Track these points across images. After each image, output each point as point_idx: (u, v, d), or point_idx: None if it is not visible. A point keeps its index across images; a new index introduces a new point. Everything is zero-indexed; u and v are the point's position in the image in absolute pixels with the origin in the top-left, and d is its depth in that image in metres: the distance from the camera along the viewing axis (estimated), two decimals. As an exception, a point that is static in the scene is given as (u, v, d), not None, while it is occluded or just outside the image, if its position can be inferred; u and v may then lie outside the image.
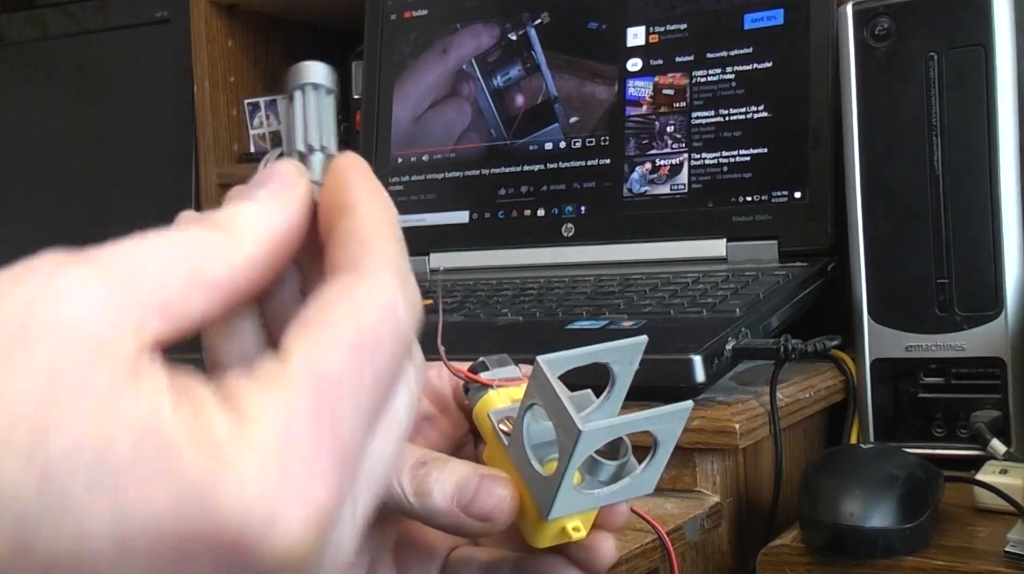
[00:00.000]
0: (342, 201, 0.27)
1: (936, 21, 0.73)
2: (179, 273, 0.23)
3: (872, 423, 0.76)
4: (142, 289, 0.22)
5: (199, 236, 0.24)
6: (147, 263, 0.23)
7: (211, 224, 0.25)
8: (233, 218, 0.25)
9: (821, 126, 0.84)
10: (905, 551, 0.57)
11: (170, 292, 0.23)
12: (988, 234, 0.72)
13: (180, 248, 0.24)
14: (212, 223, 0.25)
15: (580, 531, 0.31)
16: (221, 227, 0.25)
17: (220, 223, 0.25)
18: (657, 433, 0.31)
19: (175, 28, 1.23)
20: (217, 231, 0.25)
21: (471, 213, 0.98)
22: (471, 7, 1.02)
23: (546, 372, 0.30)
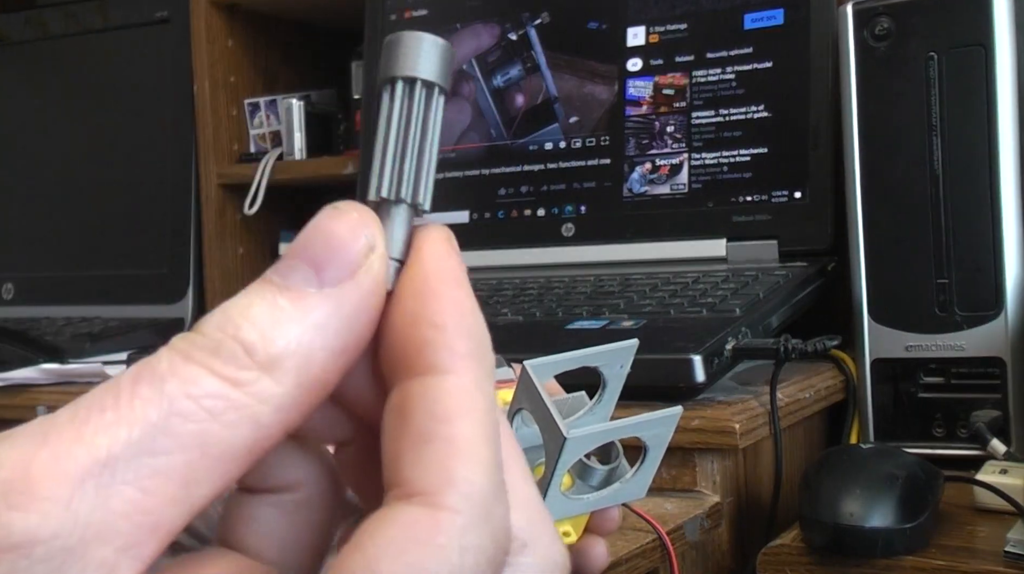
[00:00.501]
0: (428, 341, 0.19)
1: (936, 21, 0.73)
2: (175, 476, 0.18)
3: (872, 423, 0.76)
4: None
5: (214, 393, 0.18)
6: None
7: (228, 364, 0.18)
8: (265, 345, 0.18)
9: (821, 126, 0.84)
10: (905, 551, 0.57)
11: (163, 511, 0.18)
12: (988, 234, 0.72)
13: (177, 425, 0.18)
14: (231, 363, 0.18)
15: (571, 536, 0.31)
16: (242, 365, 0.18)
17: (240, 359, 0.18)
18: (646, 439, 0.30)
19: (175, 28, 1.24)
20: (237, 389, 0.18)
21: (471, 213, 0.98)
22: (471, 7, 1.02)
23: (532, 377, 0.29)
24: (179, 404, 0.18)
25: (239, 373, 0.18)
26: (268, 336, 0.19)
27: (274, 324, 0.19)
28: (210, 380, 0.18)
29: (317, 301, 0.19)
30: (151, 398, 0.18)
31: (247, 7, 1.24)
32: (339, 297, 0.19)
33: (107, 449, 0.17)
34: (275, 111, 1.21)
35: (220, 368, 0.18)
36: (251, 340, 0.18)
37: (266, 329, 0.19)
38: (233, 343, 0.18)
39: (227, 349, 0.18)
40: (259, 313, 0.19)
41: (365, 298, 0.19)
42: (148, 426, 0.18)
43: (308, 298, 0.19)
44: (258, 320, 0.19)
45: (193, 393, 0.18)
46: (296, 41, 1.31)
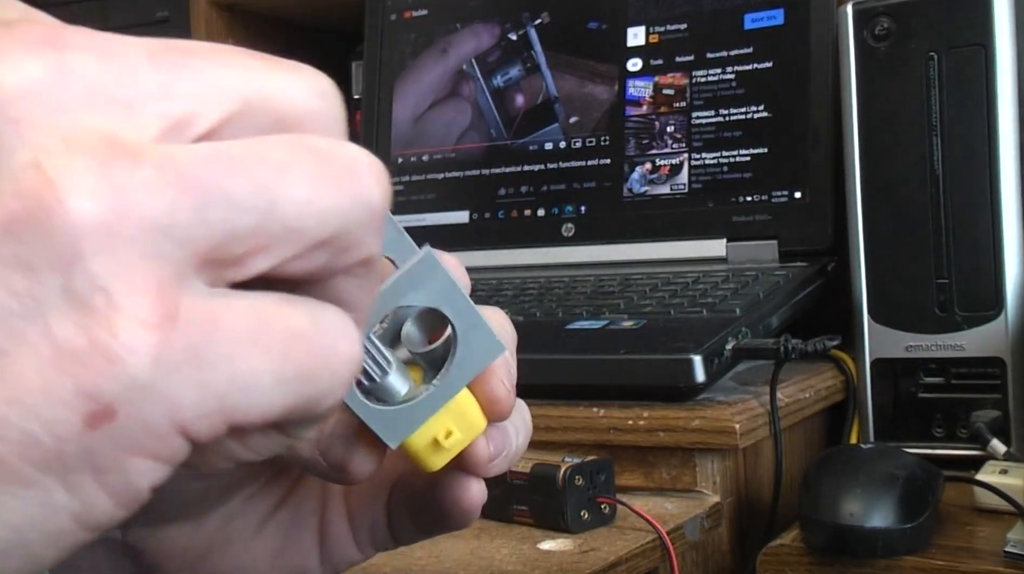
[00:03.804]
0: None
1: (936, 21, 0.73)
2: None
3: (872, 423, 0.76)
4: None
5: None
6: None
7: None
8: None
9: (821, 126, 0.84)
10: (905, 551, 0.57)
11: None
12: (988, 234, 0.72)
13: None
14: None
15: (454, 435, 0.28)
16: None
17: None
18: (429, 303, 0.26)
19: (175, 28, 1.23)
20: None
21: (471, 213, 0.99)
22: (471, 7, 1.02)
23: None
24: None
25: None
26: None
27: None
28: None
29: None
30: None
31: (247, 7, 1.24)
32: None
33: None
34: (275, 111, 1.21)
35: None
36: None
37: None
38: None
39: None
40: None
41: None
42: None
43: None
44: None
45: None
46: (296, 41, 1.30)
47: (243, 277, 0.20)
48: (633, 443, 0.64)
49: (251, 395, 0.20)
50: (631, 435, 0.64)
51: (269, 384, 0.20)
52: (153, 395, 0.18)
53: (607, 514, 0.58)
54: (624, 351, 0.67)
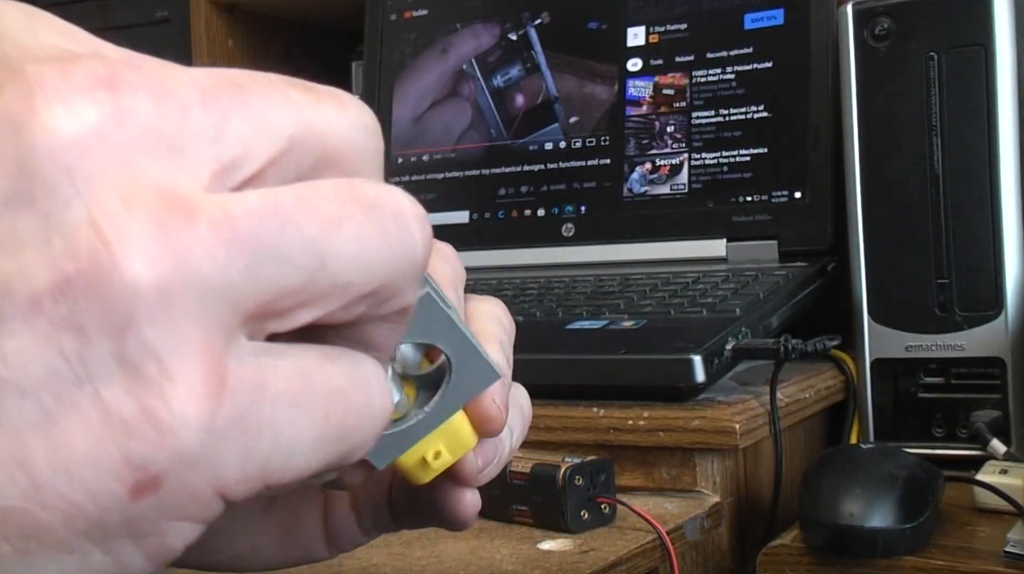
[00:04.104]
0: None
1: (936, 21, 0.73)
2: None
3: (872, 423, 0.76)
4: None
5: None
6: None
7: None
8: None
9: (821, 126, 0.84)
10: (905, 551, 0.57)
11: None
12: (988, 234, 0.72)
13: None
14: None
15: (442, 457, 0.28)
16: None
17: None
18: (425, 338, 0.26)
19: (175, 28, 1.23)
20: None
21: (471, 213, 0.99)
22: (471, 7, 1.02)
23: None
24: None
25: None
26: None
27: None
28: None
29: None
30: None
31: (247, 7, 1.24)
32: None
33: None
34: (275, 111, 1.21)
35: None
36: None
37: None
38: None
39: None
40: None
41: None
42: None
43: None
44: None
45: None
46: (296, 41, 1.31)
47: (284, 329, 0.20)
48: (633, 443, 0.64)
49: (291, 459, 0.19)
50: (631, 435, 0.64)
51: (308, 447, 0.20)
52: (199, 465, 0.18)
53: (607, 514, 0.58)
54: (624, 351, 0.67)
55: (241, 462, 0.19)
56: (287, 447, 0.19)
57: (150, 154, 0.18)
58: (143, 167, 0.18)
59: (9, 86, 0.18)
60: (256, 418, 0.19)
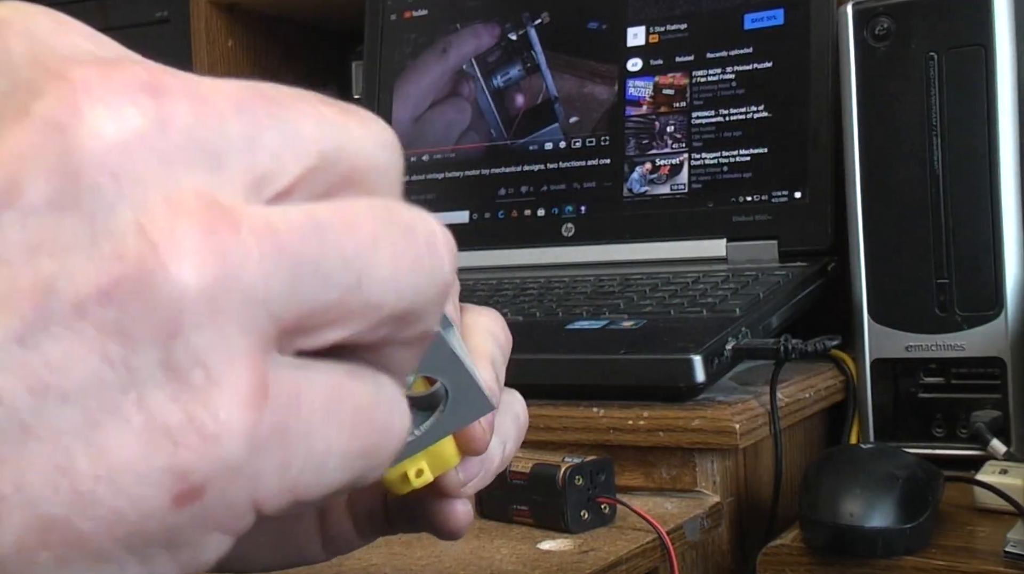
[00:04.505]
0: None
1: (936, 21, 0.73)
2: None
3: (872, 423, 0.76)
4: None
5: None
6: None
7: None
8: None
9: (821, 126, 0.84)
10: (905, 551, 0.57)
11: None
12: (988, 234, 0.72)
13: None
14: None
15: (424, 475, 0.29)
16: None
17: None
18: (429, 372, 0.27)
19: (175, 28, 1.23)
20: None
21: (471, 213, 0.99)
22: (471, 7, 1.02)
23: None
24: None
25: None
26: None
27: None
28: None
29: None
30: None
31: (247, 7, 1.24)
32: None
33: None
34: (275, 111, 1.21)
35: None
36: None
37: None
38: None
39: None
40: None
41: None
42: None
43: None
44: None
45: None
46: (296, 41, 1.31)
47: (312, 347, 0.20)
48: (633, 443, 0.64)
49: (321, 474, 0.19)
50: (631, 435, 0.64)
51: (338, 462, 0.20)
52: (240, 475, 0.18)
53: (607, 514, 0.58)
54: (624, 351, 0.67)
55: (279, 474, 0.19)
56: (319, 461, 0.19)
57: (191, 161, 0.18)
58: (185, 174, 0.18)
59: (50, 89, 0.18)
60: (293, 430, 0.19)
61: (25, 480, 0.17)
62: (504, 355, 0.30)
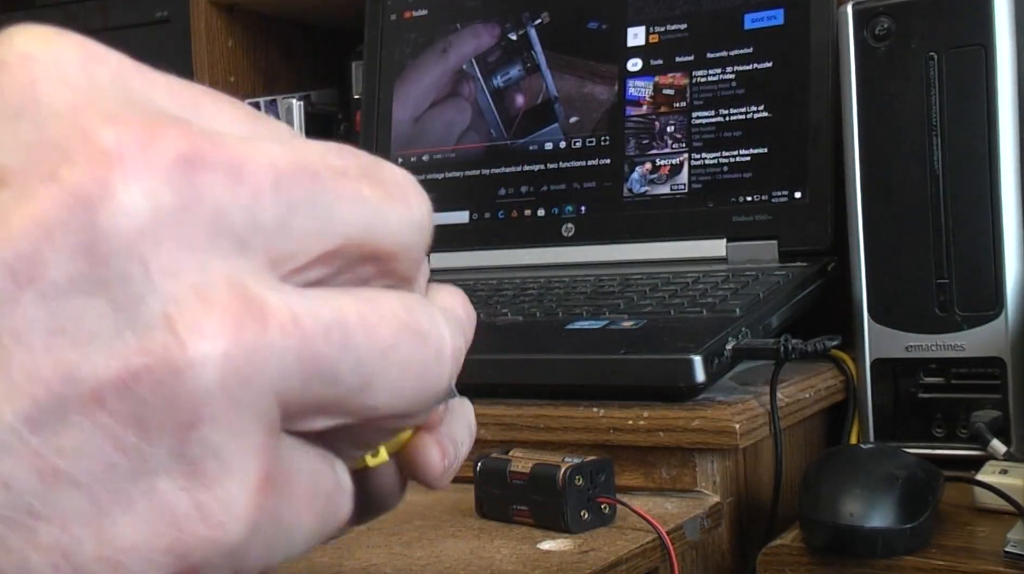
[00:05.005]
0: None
1: (936, 21, 0.73)
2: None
3: (872, 423, 0.76)
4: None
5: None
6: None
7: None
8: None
9: (821, 126, 0.84)
10: (905, 551, 0.57)
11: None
12: (988, 234, 0.72)
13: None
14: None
15: (379, 455, 0.30)
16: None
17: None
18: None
19: (175, 28, 1.24)
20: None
21: (471, 213, 0.98)
22: (471, 7, 1.02)
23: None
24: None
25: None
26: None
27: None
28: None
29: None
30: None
31: (247, 7, 1.24)
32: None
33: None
34: (275, 111, 1.21)
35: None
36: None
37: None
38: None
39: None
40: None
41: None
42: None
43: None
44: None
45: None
46: (296, 41, 1.31)
47: (302, 430, 0.20)
48: (633, 443, 0.64)
49: (289, 550, 0.20)
50: (631, 435, 0.64)
51: (303, 541, 0.21)
52: (234, 556, 0.18)
53: (607, 514, 0.58)
54: (624, 351, 0.67)
55: (262, 554, 0.19)
56: (292, 540, 0.20)
57: (219, 244, 0.18)
58: (214, 257, 0.18)
59: (80, 154, 0.17)
60: (282, 514, 0.19)
61: (30, 565, 0.17)
62: (465, 336, 0.30)
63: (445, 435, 0.31)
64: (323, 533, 0.21)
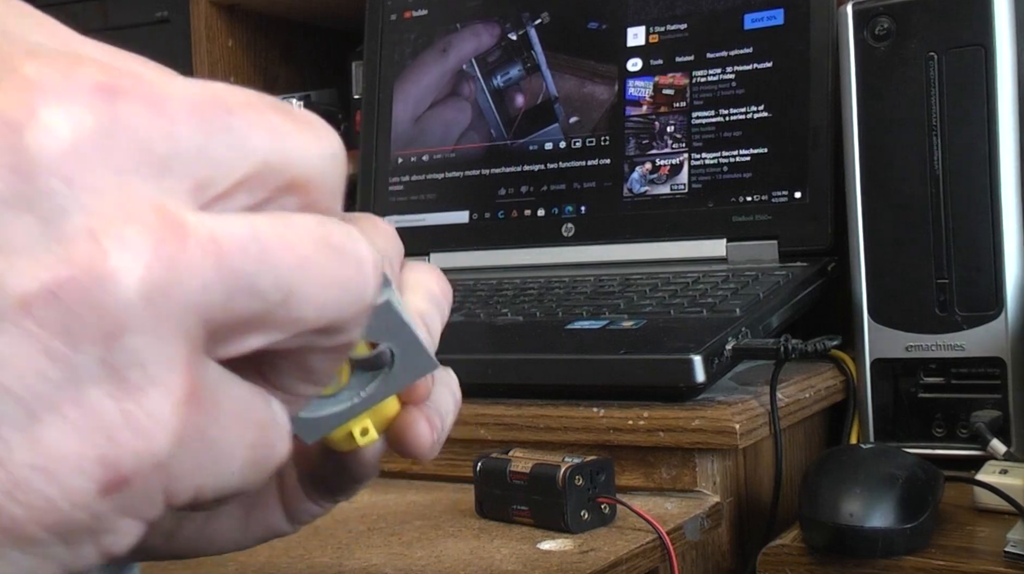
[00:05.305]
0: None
1: (936, 21, 0.73)
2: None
3: (872, 423, 0.76)
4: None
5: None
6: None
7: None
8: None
9: (821, 126, 0.84)
10: (905, 551, 0.57)
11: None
12: (988, 234, 0.72)
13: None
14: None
15: (369, 434, 0.29)
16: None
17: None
18: (379, 337, 0.27)
19: (175, 28, 1.24)
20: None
21: (471, 213, 0.99)
22: (471, 7, 1.02)
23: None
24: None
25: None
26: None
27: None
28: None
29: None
30: None
31: (247, 7, 1.24)
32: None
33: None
34: (275, 111, 1.21)
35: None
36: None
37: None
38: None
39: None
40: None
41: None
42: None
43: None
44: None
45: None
46: (296, 41, 1.31)
47: (236, 354, 0.21)
48: (633, 443, 0.64)
49: (220, 478, 0.21)
50: (631, 435, 0.64)
51: (235, 469, 0.21)
52: (161, 469, 0.19)
53: (607, 514, 0.58)
54: (624, 351, 0.67)
55: (191, 472, 0.20)
56: (223, 465, 0.21)
57: (142, 166, 0.19)
58: (136, 178, 0.19)
59: (7, 84, 0.18)
60: (211, 433, 0.20)
61: None
62: (441, 311, 0.31)
63: (432, 408, 0.31)
64: (258, 466, 0.22)
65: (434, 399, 0.31)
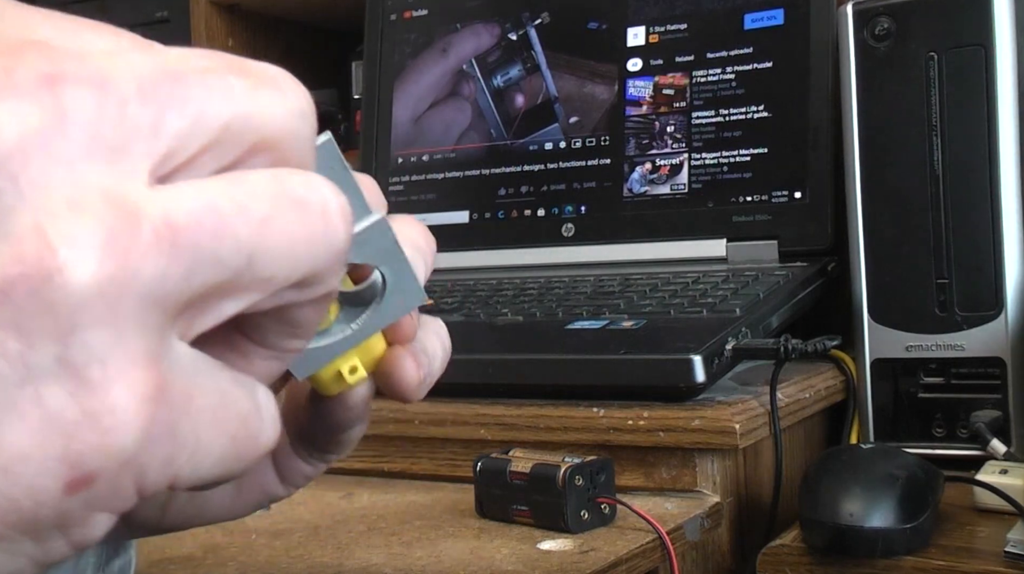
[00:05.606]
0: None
1: (936, 21, 0.73)
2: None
3: (872, 423, 0.76)
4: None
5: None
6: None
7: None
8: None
9: (821, 126, 0.84)
10: (905, 551, 0.57)
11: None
12: (988, 234, 0.72)
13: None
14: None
15: (358, 371, 0.29)
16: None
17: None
18: (370, 259, 0.27)
19: (175, 28, 1.23)
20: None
21: (471, 213, 0.99)
22: (471, 7, 1.02)
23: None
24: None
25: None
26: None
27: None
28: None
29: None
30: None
31: (247, 7, 1.24)
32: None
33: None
34: (275, 111, 1.21)
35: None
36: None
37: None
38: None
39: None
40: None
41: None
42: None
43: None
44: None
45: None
46: (296, 41, 1.31)
47: (212, 325, 0.21)
48: (633, 443, 0.64)
49: (197, 469, 0.21)
50: (631, 435, 0.64)
51: (214, 461, 0.21)
52: (130, 465, 0.19)
53: (607, 514, 0.58)
54: (624, 351, 0.67)
55: (162, 466, 0.20)
56: (199, 458, 0.20)
57: (92, 155, 0.19)
58: (86, 169, 0.19)
59: None
60: (181, 428, 0.20)
61: None
62: (426, 263, 0.31)
63: (418, 348, 0.31)
64: (240, 456, 0.22)
65: (420, 340, 0.31)
